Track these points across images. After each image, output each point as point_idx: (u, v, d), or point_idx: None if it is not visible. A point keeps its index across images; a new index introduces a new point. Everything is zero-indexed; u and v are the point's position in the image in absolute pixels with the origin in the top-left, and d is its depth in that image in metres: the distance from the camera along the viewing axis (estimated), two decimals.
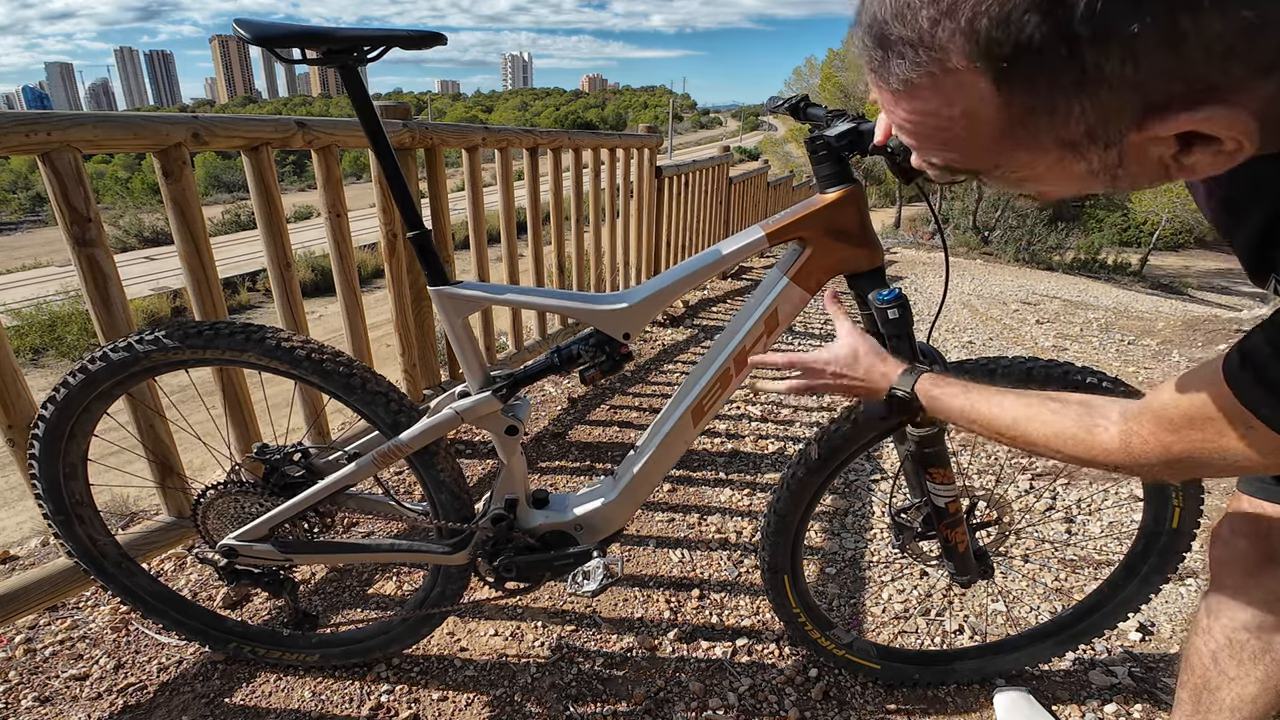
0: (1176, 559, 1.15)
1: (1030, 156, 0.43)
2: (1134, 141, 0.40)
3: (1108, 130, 0.40)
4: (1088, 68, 0.36)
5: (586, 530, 1.19)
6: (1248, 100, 0.37)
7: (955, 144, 0.44)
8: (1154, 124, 0.38)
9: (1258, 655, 0.85)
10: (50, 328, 13.31)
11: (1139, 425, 0.60)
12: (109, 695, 1.30)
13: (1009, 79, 0.38)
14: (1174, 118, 0.38)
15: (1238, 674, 0.87)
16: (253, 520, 1.15)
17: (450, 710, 1.28)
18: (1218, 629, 0.88)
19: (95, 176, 43.70)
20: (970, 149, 0.44)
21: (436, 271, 1.06)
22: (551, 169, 3.01)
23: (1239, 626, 0.86)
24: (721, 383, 1.08)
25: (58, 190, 1.22)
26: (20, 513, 6.46)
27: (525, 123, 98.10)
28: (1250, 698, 0.86)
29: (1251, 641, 0.85)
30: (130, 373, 1.08)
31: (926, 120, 0.44)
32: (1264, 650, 0.85)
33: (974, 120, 0.41)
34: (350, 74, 0.97)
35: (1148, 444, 0.59)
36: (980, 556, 1.19)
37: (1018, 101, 0.39)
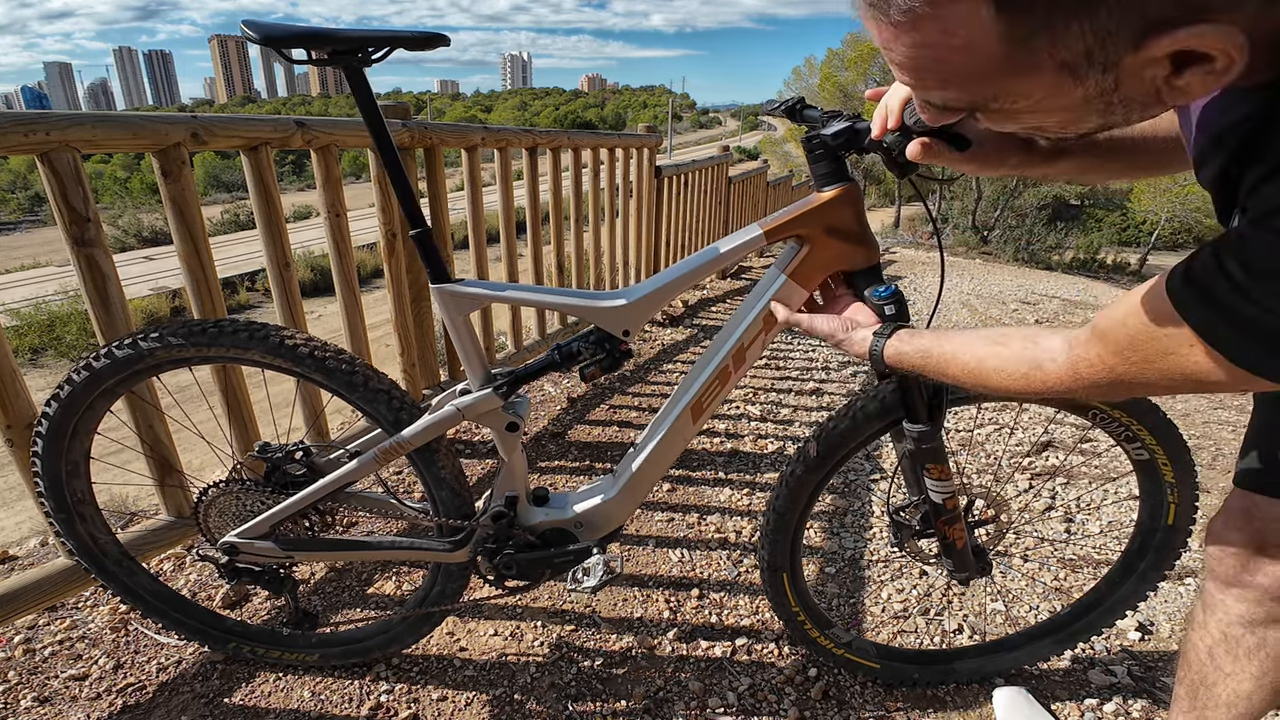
0: (1173, 556, 1.15)
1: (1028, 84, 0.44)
2: (1129, 64, 0.40)
3: (1105, 51, 0.40)
4: None
5: (586, 528, 1.19)
6: (1238, 17, 0.38)
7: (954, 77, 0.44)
8: (1150, 43, 0.39)
9: (1253, 650, 0.85)
10: (49, 328, 13.29)
11: (1085, 350, 0.61)
12: (108, 695, 1.30)
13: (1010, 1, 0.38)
14: (1169, 35, 0.38)
15: (1233, 669, 0.87)
16: (254, 518, 1.15)
17: (450, 710, 1.28)
18: (1213, 624, 0.88)
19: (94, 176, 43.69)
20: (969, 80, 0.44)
21: (438, 269, 1.06)
22: (551, 169, 3.01)
23: (1233, 621, 0.86)
24: (720, 380, 1.08)
25: (56, 190, 1.22)
26: (19, 513, 6.45)
27: (524, 122, 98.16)
28: (1246, 693, 0.86)
29: (1246, 637, 0.85)
30: (134, 370, 1.08)
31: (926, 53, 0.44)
32: (1259, 645, 0.85)
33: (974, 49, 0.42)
34: (355, 75, 0.98)
35: (1094, 367, 0.60)
36: (978, 554, 1.19)
37: (1018, 24, 0.39)
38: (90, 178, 1.28)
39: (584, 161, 3.25)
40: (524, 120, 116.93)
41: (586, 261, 3.47)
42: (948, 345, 0.78)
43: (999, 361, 0.71)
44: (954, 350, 0.77)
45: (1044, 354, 0.66)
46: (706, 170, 5.25)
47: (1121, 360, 0.58)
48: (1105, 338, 0.59)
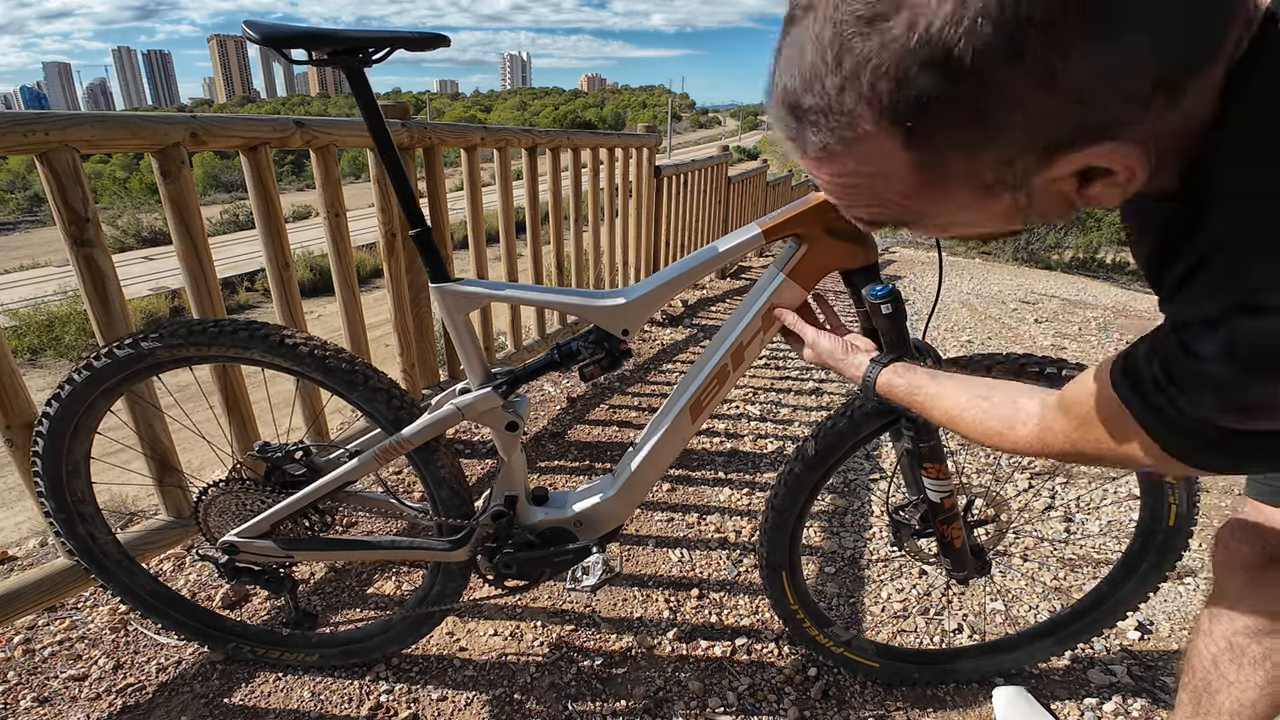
0: (1174, 557, 1.15)
1: (947, 204, 0.46)
2: (1039, 182, 0.43)
3: (1014, 174, 0.42)
4: (982, 118, 0.38)
5: (586, 527, 1.20)
6: (1134, 133, 0.40)
7: (877, 200, 0.46)
8: (1055, 163, 0.41)
9: (1258, 661, 0.85)
10: (48, 328, 13.27)
11: (1053, 420, 0.64)
12: (108, 696, 1.30)
13: (915, 136, 0.40)
14: (1070, 156, 0.40)
15: (1237, 678, 0.87)
16: (254, 517, 1.15)
17: (450, 710, 1.28)
18: (1219, 632, 0.88)
19: (93, 176, 43.66)
20: (890, 203, 0.46)
21: (438, 268, 1.07)
22: (550, 168, 3.01)
23: (1239, 631, 0.86)
24: (719, 378, 1.08)
25: (55, 190, 1.22)
26: (19, 513, 6.45)
27: (524, 122, 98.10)
28: (1250, 702, 0.86)
29: (1252, 647, 0.85)
30: (135, 370, 1.08)
31: (847, 180, 0.46)
32: (1264, 656, 0.85)
33: (890, 177, 0.44)
34: (356, 75, 0.98)
35: (1059, 438, 0.63)
36: (977, 553, 1.19)
37: (927, 156, 0.41)
38: (89, 178, 1.28)
39: (583, 161, 3.24)
40: (523, 120, 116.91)
41: (586, 261, 3.47)
42: (934, 387, 0.80)
43: (978, 414, 0.73)
44: (940, 393, 0.79)
45: (1019, 415, 0.69)
46: (706, 170, 5.25)
47: (1080, 435, 0.60)
48: (1068, 412, 0.61)
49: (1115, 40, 0.36)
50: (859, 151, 0.43)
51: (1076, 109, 0.38)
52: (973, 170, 0.42)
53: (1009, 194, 0.44)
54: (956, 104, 0.38)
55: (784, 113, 0.44)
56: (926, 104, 0.38)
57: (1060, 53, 0.36)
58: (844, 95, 0.40)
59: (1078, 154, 0.40)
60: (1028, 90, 0.37)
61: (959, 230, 0.50)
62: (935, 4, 0.35)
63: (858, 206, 0.49)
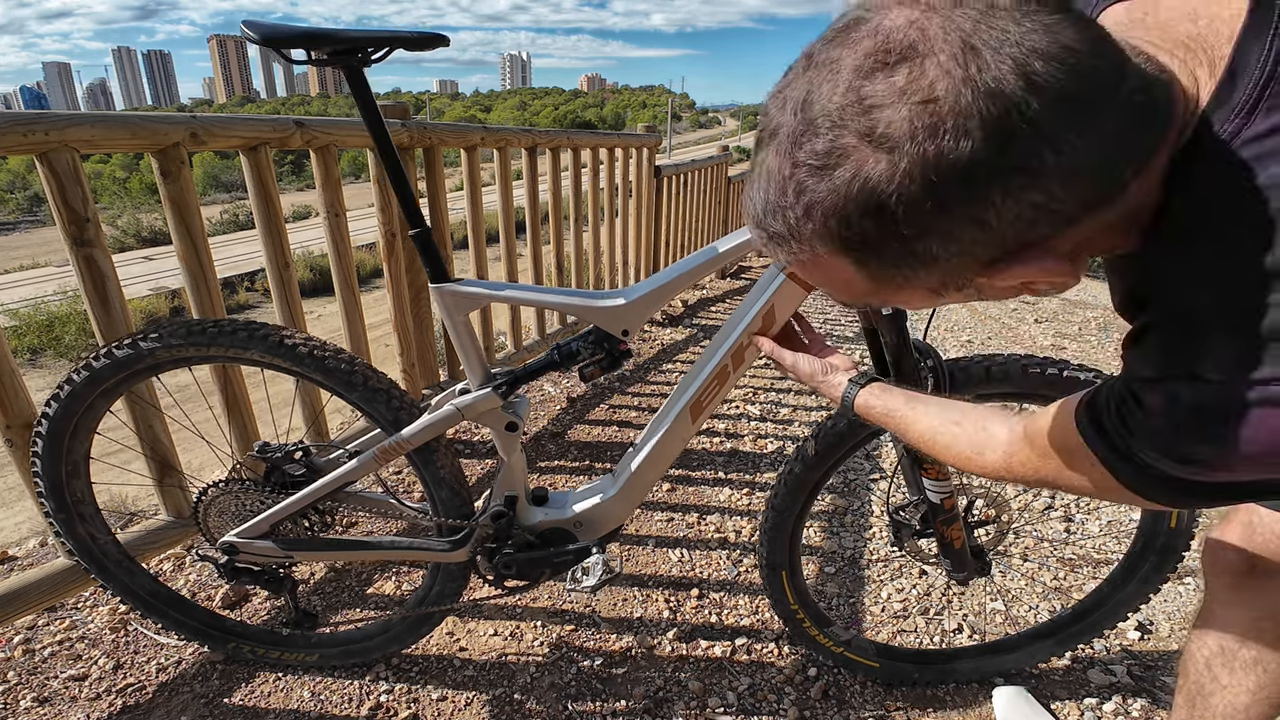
0: (1175, 559, 1.15)
1: (905, 299, 0.52)
2: (982, 283, 0.47)
3: (952, 284, 0.47)
4: (918, 252, 0.43)
5: (586, 527, 1.19)
6: (1061, 246, 0.44)
7: (844, 295, 0.52)
8: (990, 276, 0.45)
9: (1249, 665, 0.85)
10: (48, 328, 13.27)
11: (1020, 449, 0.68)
12: (108, 696, 1.30)
13: (864, 261, 0.45)
14: (1000, 274, 0.45)
15: (1230, 682, 0.87)
16: (254, 517, 1.15)
17: (449, 710, 1.28)
18: (1211, 636, 0.89)
19: (93, 176, 43.64)
20: (859, 298, 0.52)
21: (438, 268, 1.07)
22: (550, 168, 3.01)
23: (1231, 635, 0.86)
24: (719, 379, 1.08)
25: (55, 190, 1.22)
26: (19, 513, 6.45)
27: (524, 122, 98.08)
28: (1243, 706, 0.87)
29: (1243, 651, 0.86)
30: (134, 370, 1.08)
31: (822, 284, 0.52)
32: (1255, 660, 0.85)
33: (851, 284, 0.49)
34: (355, 75, 0.98)
35: (1025, 465, 0.67)
36: (977, 554, 1.19)
37: (879, 274, 0.46)
38: (89, 178, 1.28)
39: (583, 161, 3.24)
40: (523, 120, 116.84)
41: (586, 261, 3.47)
42: (909, 410, 0.83)
43: (950, 439, 0.76)
44: (915, 417, 0.82)
45: (988, 442, 0.72)
46: (706, 170, 5.25)
47: (1044, 465, 0.64)
48: (1034, 443, 0.65)
49: (1036, 184, 0.39)
50: (820, 267, 0.48)
51: (1004, 237, 0.42)
52: (918, 282, 0.47)
53: (957, 293, 0.49)
54: (895, 241, 0.42)
55: (756, 230, 0.49)
56: (869, 240, 0.42)
57: (982, 201, 0.39)
58: (801, 226, 0.44)
59: (1010, 270, 0.44)
60: (956, 230, 0.41)
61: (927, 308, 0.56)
62: (873, 161, 0.39)
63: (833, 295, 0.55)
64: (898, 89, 0.38)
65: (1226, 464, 0.44)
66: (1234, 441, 0.42)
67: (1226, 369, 0.41)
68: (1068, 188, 0.40)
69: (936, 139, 0.37)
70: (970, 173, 0.38)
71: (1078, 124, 0.38)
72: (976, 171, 0.38)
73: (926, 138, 0.38)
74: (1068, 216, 0.42)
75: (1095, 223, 0.43)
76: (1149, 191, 0.44)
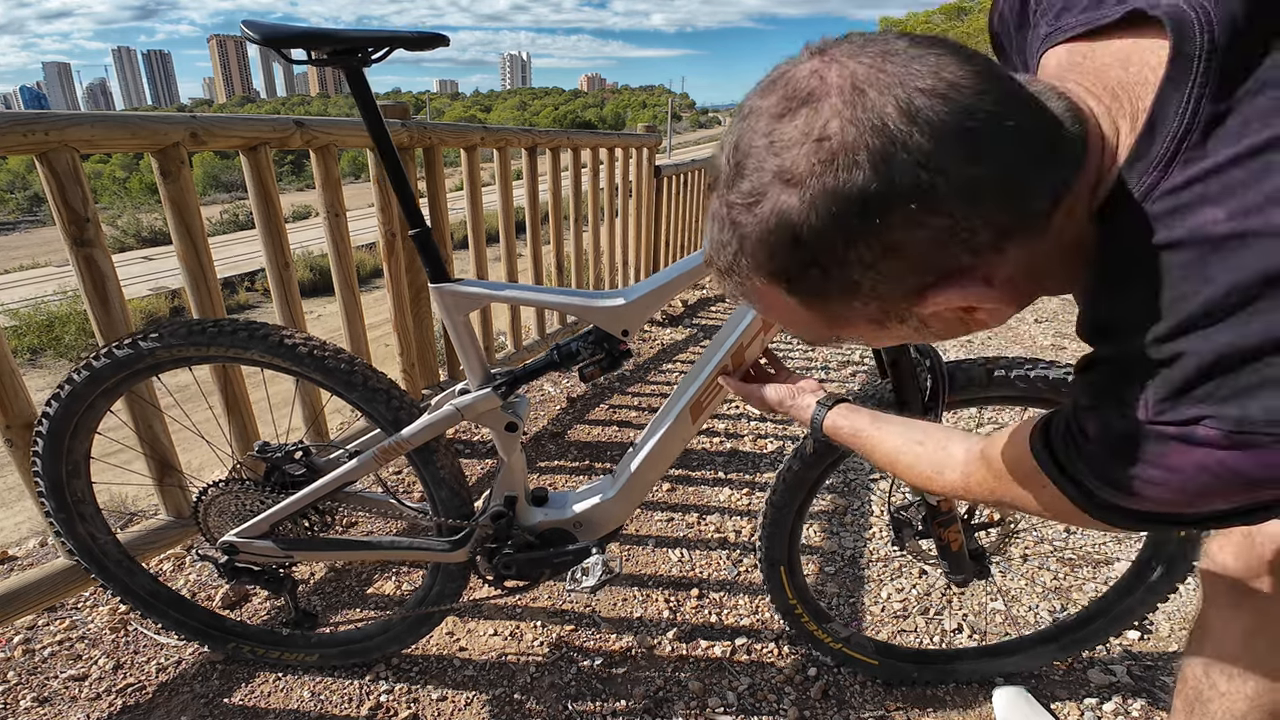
0: (1185, 567, 1.13)
1: (850, 332, 0.53)
2: (921, 314, 0.48)
3: (890, 313, 0.49)
4: (840, 279, 0.45)
5: (586, 527, 1.20)
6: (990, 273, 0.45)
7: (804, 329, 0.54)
8: (923, 304, 0.47)
9: (1247, 672, 0.85)
10: (48, 328, 13.26)
11: (976, 468, 0.70)
12: (108, 696, 1.30)
13: (798, 292, 0.48)
14: (931, 299, 0.46)
15: (1228, 689, 0.87)
16: (254, 517, 1.15)
17: (449, 710, 1.28)
18: (1209, 643, 0.89)
19: (93, 176, 43.62)
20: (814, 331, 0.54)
21: (438, 268, 1.07)
22: (550, 168, 3.01)
23: (1229, 642, 0.86)
24: None
25: (55, 190, 1.22)
26: (18, 513, 6.44)
27: (524, 122, 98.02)
28: (1241, 713, 0.86)
29: (1241, 658, 0.85)
30: (135, 370, 1.08)
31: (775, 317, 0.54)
32: (1253, 667, 0.85)
33: (795, 316, 0.51)
34: (355, 75, 0.98)
35: (981, 485, 0.69)
36: (976, 557, 1.19)
37: (814, 304, 0.49)
38: (89, 178, 1.28)
39: (583, 161, 3.24)
40: (523, 120, 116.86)
41: (586, 261, 3.47)
42: (875, 431, 0.86)
43: (912, 458, 0.79)
44: (881, 437, 0.85)
45: (948, 461, 0.74)
46: (706, 170, 5.25)
47: (1000, 485, 0.66)
48: (990, 463, 0.67)
49: (936, 210, 0.41)
50: (763, 299, 0.50)
51: (919, 263, 0.44)
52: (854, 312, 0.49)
53: (900, 324, 0.50)
54: (815, 269, 0.45)
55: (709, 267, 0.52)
56: (793, 270, 0.45)
57: (886, 228, 0.41)
58: (738, 260, 0.47)
59: (939, 295, 0.46)
60: (869, 257, 0.43)
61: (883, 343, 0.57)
62: (785, 197, 0.42)
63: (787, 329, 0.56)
64: (800, 131, 0.42)
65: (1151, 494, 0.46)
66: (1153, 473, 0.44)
67: (1148, 406, 0.43)
68: (972, 214, 0.42)
69: (832, 173, 0.41)
70: (865, 202, 0.40)
71: (964, 152, 0.40)
72: (871, 200, 0.40)
73: (823, 172, 0.41)
74: (987, 243, 0.43)
75: (1024, 253, 0.45)
76: (1078, 230, 0.47)
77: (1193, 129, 0.41)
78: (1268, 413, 0.38)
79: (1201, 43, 0.41)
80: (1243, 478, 0.41)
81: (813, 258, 0.44)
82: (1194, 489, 0.43)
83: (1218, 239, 0.39)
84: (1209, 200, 0.40)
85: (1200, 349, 0.40)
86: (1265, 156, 0.38)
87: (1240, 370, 0.38)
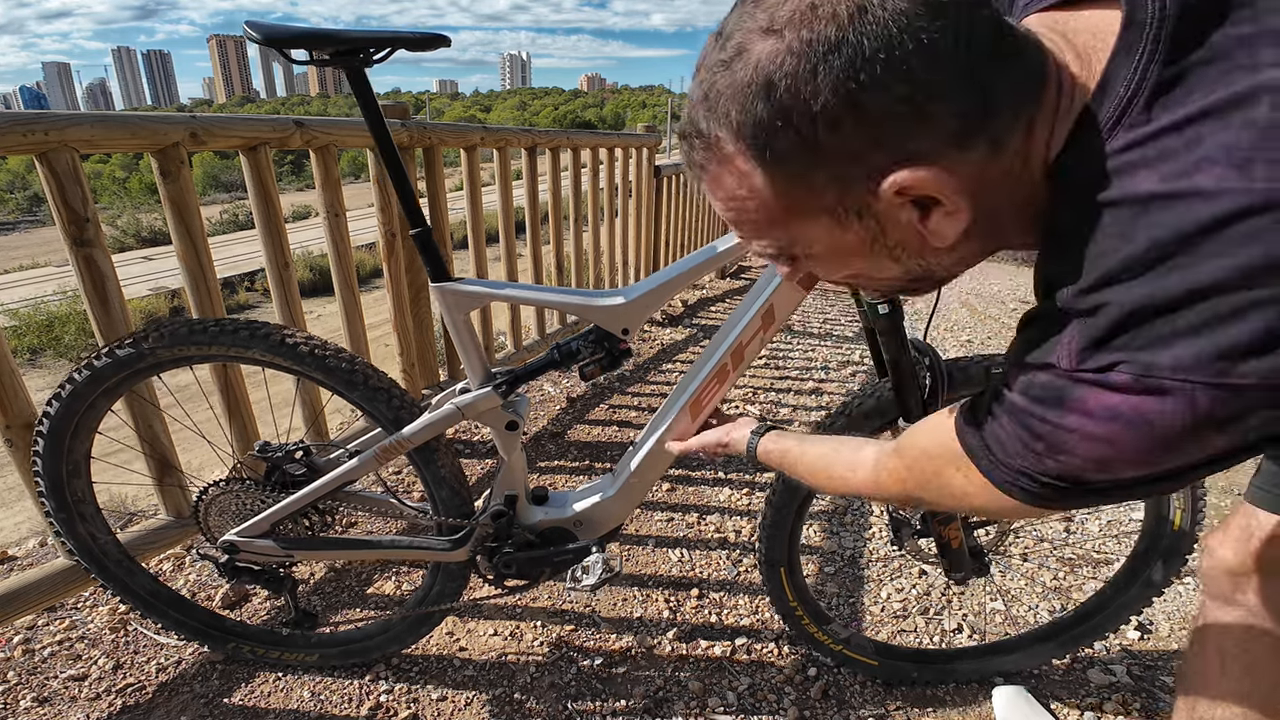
0: (1180, 562, 1.14)
1: (810, 229, 0.52)
2: (879, 208, 0.49)
3: (851, 196, 0.49)
4: (808, 140, 0.46)
5: (586, 526, 1.20)
6: (951, 166, 0.46)
7: (758, 225, 0.54)
8: (877, 186, 0.47)
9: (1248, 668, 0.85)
10: (48, 328, 13.26)
11: (889, 460, 0.72)
12: (107, 695, 1.30)
13: (764, 157, 0.48)
14: (889, 177, 0.46)
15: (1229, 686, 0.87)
16: (254, 516, 1.15)
17: (449, 710, 1.28)
18: (1210, 639, 0.89)
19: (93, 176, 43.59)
20: (768, 227, 0.53)
21: (438, 268, 1.07)
22: (550, 168, 3.01)
23: (1230, 638, 0.86)
24: (719, 378, 1.08)
25: (55, 190, 1.22)
26: (18, 513, 6.44)
27: (524, 122, 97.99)
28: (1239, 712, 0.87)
29: (1242, 654, 0.86)
30: (136, 369, 1.08)
31: (733, 205, 0.53)
32: (1252, 665, 0.85)
33: (760, 198, 0.51)
34: (357, 75, 0.99)
35: (892, 475, 0.71)
36: (976, 554, 1.19)
37: (778, 175, 0.49)
38: (89, 178, 1.28)
39: (583, 161, 3.24)
40: (523, 120, 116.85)
41: (586, 261, 3.47)
42: (799, 449, 0.90)
43: (827, 464, 0.83)
44: (804, 452, 0.89)
45: (861, 460, 0.77)
46: None
47: (910, 473, 0.67)
48: (903, 452, 0.69)
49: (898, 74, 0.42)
50: (729, 170, 0.50)
51: (882, 132, 0.45)
52: (818, 192, 0.49)
53: (856, 222, 0.50)
54: (786, 126, 0.45)
55: (680, 145, 0.53)
56: (764, 126, 0.46)
57: (854, 81, 0.43)
58: (710, 122, 0.49)
59: (895, 176, 0.46)
60: (838, 114, 0.44)
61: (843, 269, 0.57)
62: (763, 46, 0.45)
63: (748, 235, 0.56)
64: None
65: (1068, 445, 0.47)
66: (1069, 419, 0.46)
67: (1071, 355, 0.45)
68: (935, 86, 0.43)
69: (810, 23, 0.43)
70: (838, 49, 0.43)
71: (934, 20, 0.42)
72: (843, 49, 0.42)
73: (802, 22, 0.43)
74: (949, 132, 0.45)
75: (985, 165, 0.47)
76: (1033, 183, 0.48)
77: (1139, 95, 0.43)
78: (1175, 360, 0.40)
79: (1153, 12, 0.43)
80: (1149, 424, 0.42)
81: (782, 108, 0.45)
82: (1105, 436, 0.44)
83: (1146, 198, 0.41)
84: (1144, 164, 0.42)
85: (1121, 299, 0.42)
86: (1199, 125, 0.40)
87: (1155, 321, 0.40)
